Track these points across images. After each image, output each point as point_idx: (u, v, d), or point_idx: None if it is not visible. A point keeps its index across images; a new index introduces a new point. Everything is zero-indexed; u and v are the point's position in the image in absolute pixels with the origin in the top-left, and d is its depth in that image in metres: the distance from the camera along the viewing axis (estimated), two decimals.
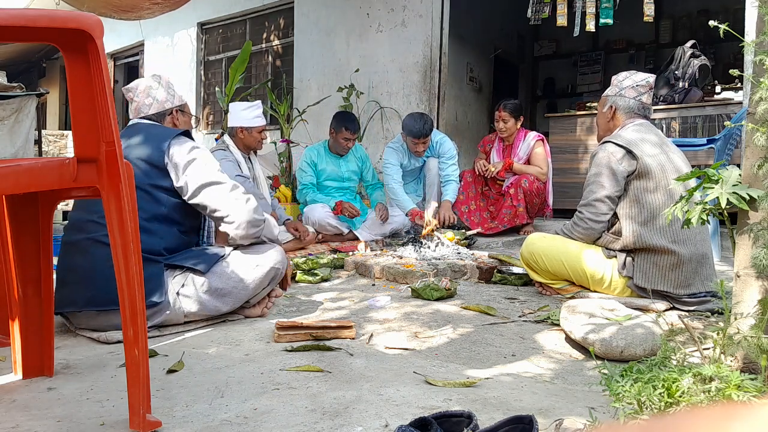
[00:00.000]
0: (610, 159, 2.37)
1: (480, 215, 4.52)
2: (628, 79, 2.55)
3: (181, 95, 2.41)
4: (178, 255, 2.07)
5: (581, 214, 2.47)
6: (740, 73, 1.50)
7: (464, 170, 4.71)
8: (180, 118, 2.35)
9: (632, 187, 2.35)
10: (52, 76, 12.19)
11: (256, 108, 3.81)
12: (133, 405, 1.20)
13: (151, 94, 2.28)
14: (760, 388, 0.95)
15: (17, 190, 1.32)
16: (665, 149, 2.39)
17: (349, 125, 4.42)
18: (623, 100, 2.51)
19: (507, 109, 4.41)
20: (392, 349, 1.85)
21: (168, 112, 2.31)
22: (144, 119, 2.26)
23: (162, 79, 2.34)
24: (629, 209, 2.35)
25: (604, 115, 2.58)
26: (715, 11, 7.30)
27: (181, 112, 2.36)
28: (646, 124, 2.48)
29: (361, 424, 1.24)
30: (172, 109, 2.32)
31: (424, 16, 5.98)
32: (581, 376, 1.62)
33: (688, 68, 4.82)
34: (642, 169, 2.32)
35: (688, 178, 1.39)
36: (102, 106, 1.19)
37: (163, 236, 2.05)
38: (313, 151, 4.58)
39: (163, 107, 2.29)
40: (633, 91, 2.51)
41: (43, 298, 1.51)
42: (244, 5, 7.77)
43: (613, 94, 2.54)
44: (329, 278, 3.10)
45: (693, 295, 2.28)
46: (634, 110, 2.50)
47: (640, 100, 2.51)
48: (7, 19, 1.07)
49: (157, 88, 2.30)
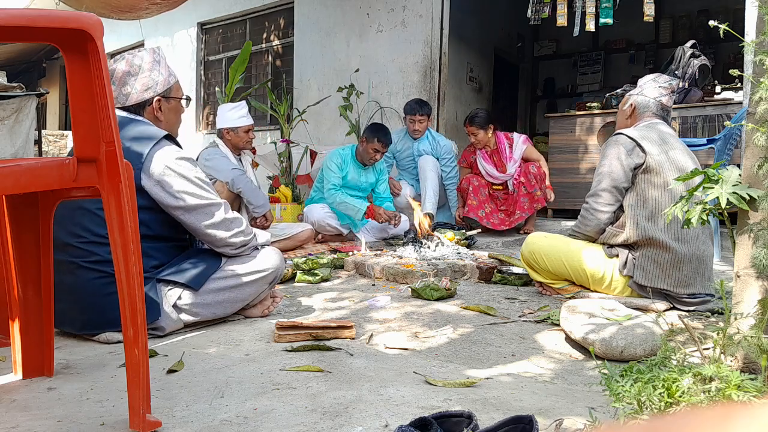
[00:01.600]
0: (619, 150, 2.40)
1: (497, 216, 4.56)
2: (652, 80, 2.61)
3: (170, 75, 2.08)
4: (170, 267, 1.98)
5: (588, 205, 2.49)
6: (740, 73, 1.50)
7: (468, 176, 4.72)
8: (164, 107, 2.06)
9: (639, 180, 2.37)
10: (52, 76, 12.19)
11: (240, 108, 3.85)
12: (133, 405, 1.20)
13: (129, 82, 1.99)
14: (760, 388, 0.95)
15: (17, 190, 1.32)
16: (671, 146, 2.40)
17: (382, 137, 4.32)
18: (642, 98, 2.57)
19: (474, 124, 4.50)
20: (392, 349, 1.85)
21: (148, 102, 2.02)
22: (121, 110, 1.98)
23: (144, 60, 2.02)
24: (635, 202, 2.37)
25: (623, 111, 2.64)
26: (715, 11, 7.30)
27: (165, 100, 2.06)
28: (661, 123, 2.51)
29: (361, 424, 1.24)
30: (153, 98, 2.02)
31: (424, 16, 5.98)
32: (581, 376, 1.62)
33: (688, 68, 4.82)
34: (650, 163, 2.34)
35: (688, 177, 1.39)
36: (102, 106, 1.19)
37: (151, 254, 1.95)
38: (341, 154, 4.52)
39: (143, 97, 2.00)
40: (654, 91, 2.56)
41: (43, 298, 1.51)
42: (244, 5, 7.77)
43: (635, 93, 2.61)
44: (329, 278, 3.10)
45: (693, 296, 2.29)
46: (651, 109, 2.54)
47: (660, 100, 2.55)
48: (7, 19, 1.07)
49: (136, 74, 1.99)
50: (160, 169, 1.89)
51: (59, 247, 1.85)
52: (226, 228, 2.00)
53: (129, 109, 2.01)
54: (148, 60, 2.03)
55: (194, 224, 1.97)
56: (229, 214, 2.02)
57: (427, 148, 4.89)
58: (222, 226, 1.99)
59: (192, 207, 1.94)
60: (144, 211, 1.88)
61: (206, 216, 1.96)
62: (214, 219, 1.97)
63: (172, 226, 2.01)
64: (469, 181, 4.61)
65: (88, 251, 1.86)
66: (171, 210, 1.95)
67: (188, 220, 1.97)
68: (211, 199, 1.98)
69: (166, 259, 2.01)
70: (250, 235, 2.10)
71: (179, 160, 1.93)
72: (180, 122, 2.21)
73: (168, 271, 1.97)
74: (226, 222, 2.01)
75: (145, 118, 2.03)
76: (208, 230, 1.98)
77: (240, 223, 2.05)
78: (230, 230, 2.01)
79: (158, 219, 1.97)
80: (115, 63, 2.00)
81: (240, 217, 2.08)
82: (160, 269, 1.98)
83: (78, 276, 1.86)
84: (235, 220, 2.04)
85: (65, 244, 1.86)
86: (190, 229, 2.00)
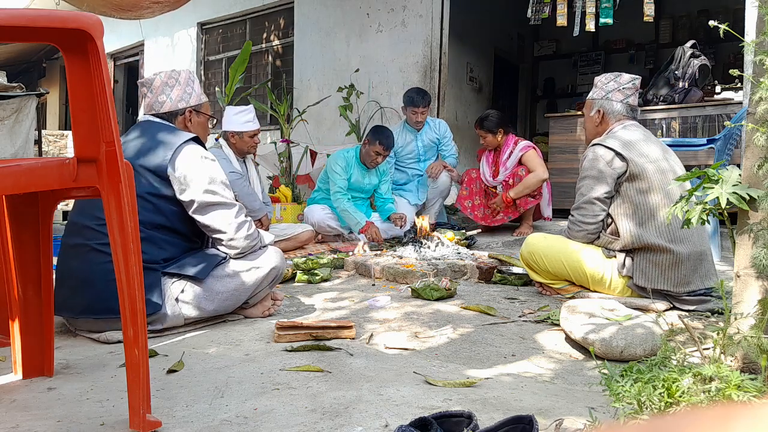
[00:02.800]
0: (598, 161, 2.38)
1: (483, 210, 4.55)
2: (613, 81, 2.54)
3: (201, 94, 2.28)
4: (176, 262, 2.04)
5: (573, 218, 2.49)
6: (740, 73, 1.50)
7: (468, 169, 4.75)
8: (194, 119, 2.23)
9: (624, 188, 2.36)
10: (52, 76, 12.19)
11: (247, 113, 3.82)
12: (133, 405, 1.20)
13: (165, 91, 2.17)
14: (760, 388, 0.95)
15: (17, 190, 1.32)
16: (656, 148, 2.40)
17: (384, 140, 4.27)
18: (610, 103, 2.52)
19: (483, 128, 4.41)
20: (392, 349, 1.85)
21: (180, 112, 2.19)
22: (155, 116, 2.17)
23: (181, 76, 2.22)
24: (624, 210, 2.35)
25: (591, 119, 2.58)
26: (715, 11, 7.29)
27: (195, 113, 2.24)
28: (633, 125, 2.49)
29: (361, 424, 1.24)
30: (185, 109, 2.20)
31: (424, 16, 5.98)
32: (581, 376, 1.62)
33: (688, 68, 4.82)
34: (633, 170, 2.32)
35: (688, 178, 1.39)
36: (102, 106, 1.19)
37: (164, 246, 2.02)
38: (346, 156, 4.47)
39: (176, 107, 2.18)
40: (620, 94, 2.51)
41: (43, 298, 1.51)
42: (244, 5, 7.77)
43: (600, 98, 2.54)
44: (329, 278, 3.09)
45: (692, 293, 2.29)
46: (622, 113, 2.51)
47: (627, 102, 2.51)
48: (7, 19, 1.07)
49: (173, 85, 2.18)
50: (183, 164, 2.01)
51: (77, 230, 1.97)
52: (237, 229, 2.08)
53: (162, 116, 2.17)
54: (184, 77, 2.23)
55: (206, 221, 2.05)
56: (240, 217, 2.10)
57: (430, 138, 4.85)
58: (233, 227, 2.07)
59: (206, 204, 2.03)
60: (166, 201, 2.01)
61: (219, 215, 2.05)
62: (227, 219, 2.06)
63: (190, 223, 2.09)
64: (468, 173, 4.64)
65: (102, 233, 1.90)
66: (187, 204, 2.03)
67: (201, 217, 2.05)
68: (226, 199, 2.08)
69: (176, 254, 2.06)
70: (257, 239, 2.17)
71: (202, 159, 2.05)
72: (207, 138, 2.33)
73: (174, 265, 2.03)
74: (237, 224, 2.08)
75: (175, 126, 2.18)
76: (219, 228, 2.06)
77: (249, 227, 2.13)
78: (240, 232, 2.09)
79: (177, 213, 2.05)
80: (155, 75, 2.21)
81: (249, 220, 2.15)
82: (168, 263, 2.03)
83: (87, 259, 1.92)
84: (244, 223, 2.11)
85: (83, 227, 1.95)
86: (201, 226, 2.08)
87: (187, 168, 2.01)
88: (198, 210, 2.03)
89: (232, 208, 2.08)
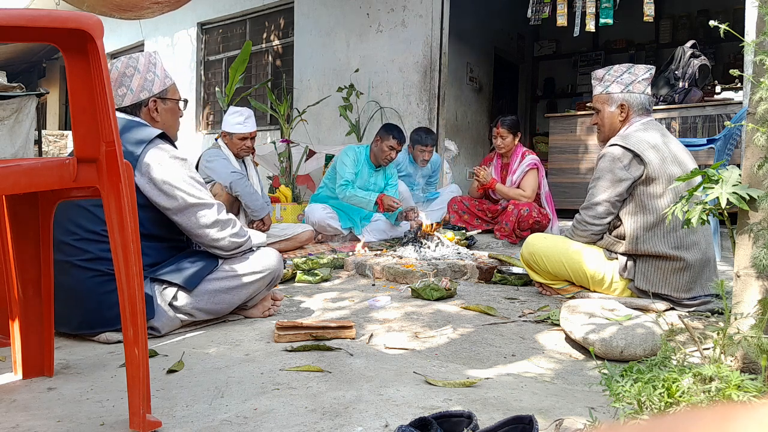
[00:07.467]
0: (614, 164, 2.32)
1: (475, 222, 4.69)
2: (628, 74, 2.44)
3: (165, 77, 2.08)
4: (166, 266, 1.96)
5: (580, 217, 2.46)
6: (740, 73, 1.50)
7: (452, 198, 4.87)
8: (160, 108, 2.06)
9: (638, 192, 2.30)
10: (52, 76, 12.19)
11: (240, 115, 3.82)
12: (133, 405, 1.20)
13: (124, 83, 1.99)
14: (760, 388, 0.95)
15: (17, 190, 1.32)
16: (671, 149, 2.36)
17: (397, 134, 4.37)
18: (634, 96, 2.41)
19: (505, 126, 4.47)
20: (392, 349, 1.85)
21: (144, 103, 2.02)
22: (118, 111, 1.95)
23: (140, 62, 2.02)
24: (634, 214, 2.31)
25: (613, 114, 2.44)
26: (715, 11, 7.30)
27: (161, 101, 2.06)
28: (651, 122, 2.43)
29: (361, 424, 1.24)
30: (149, 98, 2.02)
31: (424, 16, 5.98)
32: (581, 376, 1.62)
33: (688, 68, 4.82)
34: (650, 173, 2.26)
35: (689, 178, 1.39)
36: (102, 106, 1.19)
37: (146, 252, 1.91)
38: (357, 151, 4.54)
39: (138, 98, 2.00)
40: (639, 85, 2.42)
41: (43, 298, 1.51)
42: (244, 5, 7.77)
43: (620, 92, 2.43)
44: (329, 278, 3.09)
45: (693, 298, 2.28)
46: (645, 105, 2.42)
47: (647, 93, 2.44)
48: (7, 19, 1.07)
49: (132, 75, 2.00)
50: (152, 167, 1.89)
51: (56, 245, 1.84)
52: (219, 229, 1.99)
53: (125, 110, 2.01)
54: (143, 62, 2.04)
55: (185, 224, 1.96)
56: (221, 215, 2.00)
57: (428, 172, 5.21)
58: (214, 227, 1.98)
59: (183, 206, 1.93)
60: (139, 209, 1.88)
61: (198, 216, 1.95)
62: (206, 219, 1.96)
63: (167, 225, 1.99)
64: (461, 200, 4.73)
65: (81, 249, 1.85)
66: (163, 209, 1.94)
67: (180, 220, 1.96)
68: (203, 199, 1.96)
69: (160, 258, 1.99)
70: (244, 237, 2.08)
71: (172, 159, 1.92)
72: (178, 124, 2.20)
73: (163, 270, 1.96)
74: (219, 223, 1.99)
75: (141, 119, 2.03)
76: (200, 230, 1.97)
77: (234, 225, 2.04)
78: (223, 231, 2.00)
79: (152, 218, 1.95)
80: (111, 66, 2.00)
81: (233, 218, 2.06)
82: (154, 268, 1.96)
83: (72, 275, 1.85)
84: (228, 221, 2.02)
85: (61, 242, 1.85)
86: (183, 228, 1.99)
87: (156, 172, 1.88)
88: (175, 213, 1.94)
89: (211, 208, 1.97)
